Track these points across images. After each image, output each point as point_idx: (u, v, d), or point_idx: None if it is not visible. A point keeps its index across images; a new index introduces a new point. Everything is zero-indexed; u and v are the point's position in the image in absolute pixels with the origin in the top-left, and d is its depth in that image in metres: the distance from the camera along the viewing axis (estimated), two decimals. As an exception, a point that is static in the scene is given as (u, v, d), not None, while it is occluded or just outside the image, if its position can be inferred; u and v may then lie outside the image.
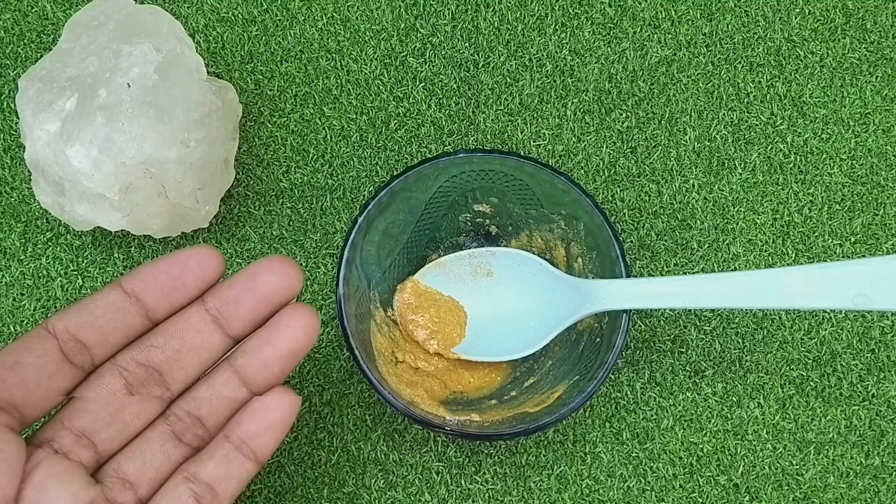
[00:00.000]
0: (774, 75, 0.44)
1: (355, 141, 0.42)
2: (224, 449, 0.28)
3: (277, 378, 0.28)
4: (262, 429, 0.28)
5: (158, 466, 0.28)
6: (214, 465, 0.28)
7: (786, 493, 0.39)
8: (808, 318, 0.41)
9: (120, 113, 0.35)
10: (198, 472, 0.28)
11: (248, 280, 0.28)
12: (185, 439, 0.29)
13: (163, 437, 0.28)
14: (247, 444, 0.28)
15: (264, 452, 0.28)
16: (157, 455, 0.28)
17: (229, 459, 0.28)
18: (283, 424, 0.28)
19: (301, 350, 0.28)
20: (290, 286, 0.28)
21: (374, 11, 0.43)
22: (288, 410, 0.28)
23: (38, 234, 0.40)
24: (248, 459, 0.28)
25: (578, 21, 0.44)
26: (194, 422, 0.29)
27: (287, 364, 0.28)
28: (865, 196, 0.42)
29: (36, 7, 0.42)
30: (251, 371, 0.28)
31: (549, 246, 0.39)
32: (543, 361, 0.38)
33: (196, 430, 0.29)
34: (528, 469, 0.38)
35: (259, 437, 0.28)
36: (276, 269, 0.28)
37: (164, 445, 0.28)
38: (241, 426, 0.28)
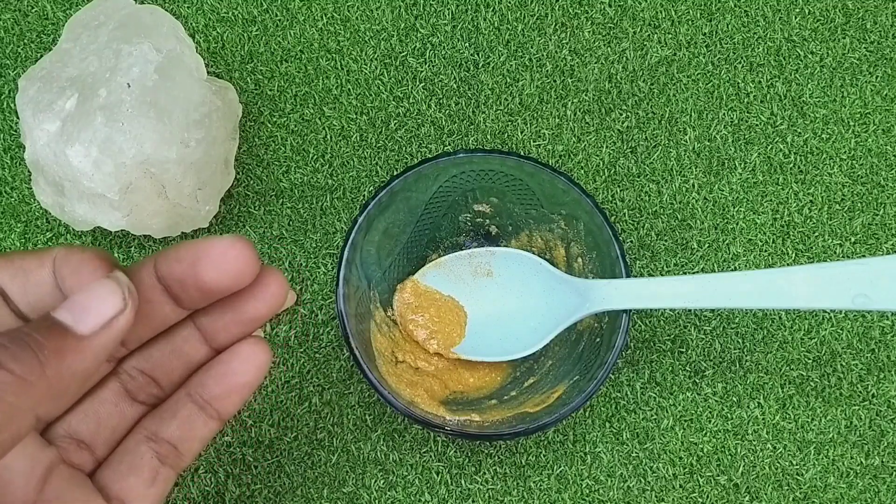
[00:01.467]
0: (774, 75, 0.44)
1: (355, 141, 0.42)
2: (187, 408, 0.27)
3: (239, 339, 0.27)
4: (228, 391, 0.27)
5: (115, 426, 0.27)
6: (178, 425, 0.27)
7: (786, 493, 0.39)
8: (808, 318, 0.41)
9: (120, 113, 0.35)
10: (159, 430, 0.27)
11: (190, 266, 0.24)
12: (140, 398, 0.27)
13: (116, 395, 0.27)
14: (210, 405, 0.27)
15: (229, 412, 0.27)
16: (111, 415, 0.27)
17: (192, 419, 0.27)
18: (249, 387, 0.27)
19: (265, 316, 0.26)
20: (236, 279, 0.25)
21: (374, 11, 0.43)
22: (256, 373, 0.27)
23: (38, 234, 0.40)
24: (212, 419, 0.27)
25: (578, 21, 0.44)
26: (148, 381, 0.27)
27: (249, 328, 0.27)
28: (865, 196, 0.42)
29: (36, 7, 0.42)
30: (213, 330, 0.27)
31: (549, 246, 0.39)
32: (543, 361, 0.38)
33: (150, 389, 0.27)
34: (528, 469, 0.38)
35: (224, 398, 0.27)
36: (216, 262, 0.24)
37: (118, 404, 0.27)
38: (204, 387, 0.27)
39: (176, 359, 0.27)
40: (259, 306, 0.26)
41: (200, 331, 0.27)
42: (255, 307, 0.26)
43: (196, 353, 0.27)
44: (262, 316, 0.26)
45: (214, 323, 0.27)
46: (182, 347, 0.27)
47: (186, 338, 0.27)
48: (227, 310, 0.26)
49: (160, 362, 0.27)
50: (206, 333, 0.27)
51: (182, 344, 0.27)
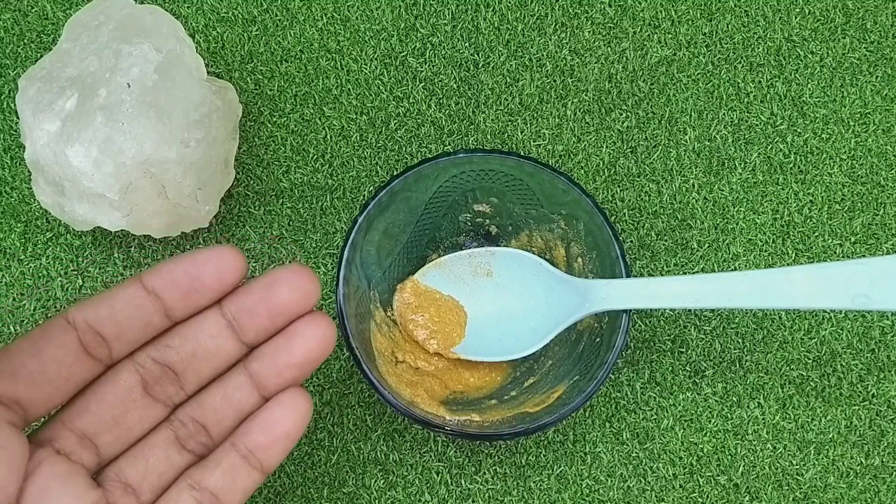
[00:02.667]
0: (774, 75, 0.44)
1: (355, 141, 0.42)
2: (231, 458, 0.27)
3: (290, 385, 0.28)
4: (271, 441, 0.27)
5: (162, 473, 0.28)
6: (220, 475, 0.27)
7: (786, 493, 0.39)
8: (808, 318, 0.41)
9: (120, 113, 0.35)
10: (202, 479, 0.27)
11: (264, 290, 0.27)
12: (189, 446, 0.28)
13: (166, 442, 0.28)
14: (254, 455, 0.27)
15: (271, 464, 0.28)
16: (160, 461, 0.28)
17: (235, 469, 0.27)
18: (292, 437, 0.28)
19: (316, 360, 0.28)
20: (306, 299, 0.27)
21: (374, 11, 0.43)
22: (298, 422, 0.27)
23: (38, 234, 0.40)
24: (255, 470, 0.27)
25: (578, 21, 0.44)
26: (199, 429, 0.28)
27: (301, 372, 0.28)
28: (865, 196, 0.42)
29: (36, 7, 0.42)
30: (265, 377, 0.28)
31: (549, 246, 0.39)
32: (543, 361, 0.38)
33: (200, 438, 0.28)
34: (528, 469, 0.38)
35: (267, 448, 0.27)
36: (292, 281, 0.27)
37: (167, 451, 0.28)
38: (249, 435, 0.27)
39: (227, 406, 0.28)
40: (311, 346, 0.27)
41: (252, 377, 0.28)
42: (308, 347, 0.27)
43: (247, 401, 0.28)
44: (315, 358, 0.27)
45: (267, 368, 0.28)
46: (234, 395, 0.28)
47: (239, 385, 0.28)
48: (279, 353, 0.27)
49: (212, 410, 0.28)
50: (258, 380, 0.28)
51: (234, 391, 0.28)
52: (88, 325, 0.26)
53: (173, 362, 0.28)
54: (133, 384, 0.27)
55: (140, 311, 0.27)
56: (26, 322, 0.39)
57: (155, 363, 0.28)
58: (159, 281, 0.27)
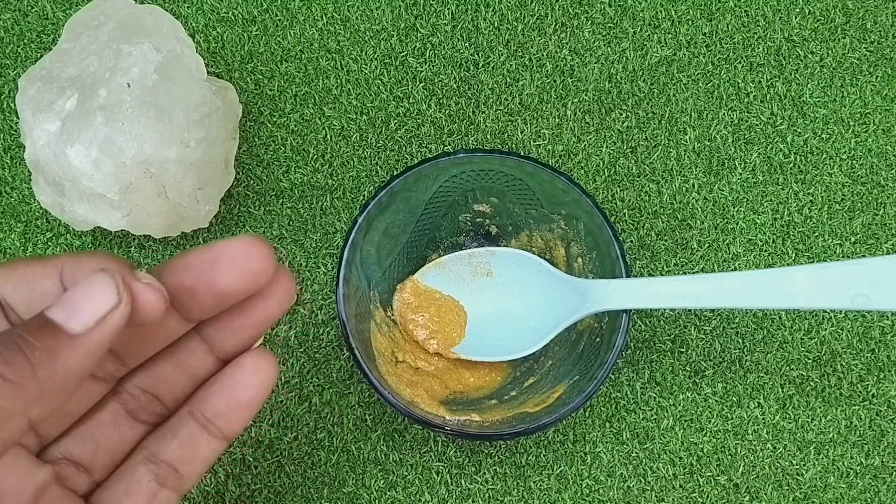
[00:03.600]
0: (774, 75, 0.44)
1: (355, 141, 0.42)
2: (188, 427, 0.25)
3: (249, 345, 0.26)
4: (232, 407, 0.25)
5: (114, 449, 0.25)
6: (178, 445, 0.25)
7: (786, 493, 0.39)
8: (808, 318, 0.41)
9: (120, 113, 0.35)
10: (159, 451, 0.25)
11: (204, 271, 0.23)
12: (142, 417, 0.26)
13: (116, 416, 0.25)
14: (213, 423, 0.25)
15: (234, 430, 0.25)
16: (110, 437, 0.25)
17: (194, 439, 0.25)
18: (255, 403, 0.25)
19: (275, 316, 0.25)
20: (254, 281, 0.23)
21: (374, 11, 0.43)
22: (262, 387, 0.25)
23: (38, 234, 0.40)
24: (215, 438, 0.25)
25: (578, 21, 0.44)
26: (150, 399, 0.26)
27: (259, 331, 0.25)
28: (865, 196, 0.42)
29: (36, 7, 0.42)
30: (220, 339, 0.25)
31: (549, 246, 0.39)
32: (543, 361, 0.38)
33: (154, 408, 0.26)
34: (528, 469, 0.38)
35: (227, 415, 0.25)
36: (238, 262, 0.23)
37: (118, 426, 0.25)
38: (207, 403, 0.25)
39: (180, 373, 0.26)
40: (271, 305, 0.25)
41: (206, 341, 0.26)
42: (267, 307, 0.25)
43: (202, 365, 0.26)
44: (273, 316, 0.25)
45: (222, 330, 0.25)
46: (187, 361, 0.26)
47: (192, 350, 0.26)
48: (235, 314, 0.25)
49: (163, 378, 0.26)
50: (213, 343, 0.26)
51: (187, 357, 0.26)
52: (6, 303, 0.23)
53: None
54: None
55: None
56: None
57: None
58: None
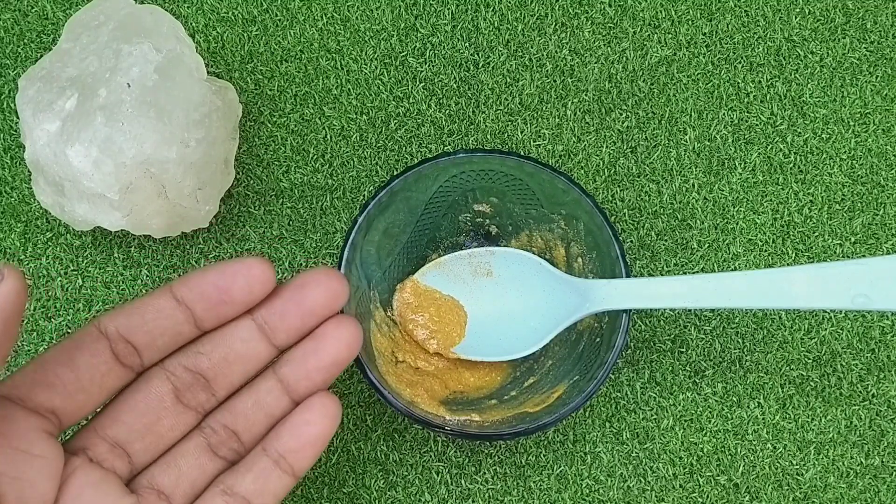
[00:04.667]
0: (774, 75, 0.44)
1: (355, 141, 0.42)
2: (262, 463, 0.28)
3: (319, 388, 0.28)
4: (301, 444, 0.28)
5: (194, 479, 0.28)
6: (252, 479, 0.28)
7: (786, 493, 0.39)
8: (808, 318, 0.41)
9: (120, 113, 0.35)
10: (235, 485, 0.28)
11: (294, 292, 0.28)
12: (221, 452, 0.28)
13: (198, 449, 0.28)
14: (285, 459, 0.28)
15: (302, 467, 0.28)
16: (192, 468, 0.28)
17: (267, 474, 0.28)
18: (321, 440, 0.28)
19: (344, 361, 0.28)
20: (335, 299, 0.28)
21: (374, 11, 0.43)
22: (328, 424, 0.28)
23: (38, 234, 0.40)
24: (286, 474, 0.28)
25: (578, 21, 0.44)
26: (230, 435, 0.28)
27: (330, 374, 0.28)
28: (865, 196, 0.42)
29: (36, 7, 0.42)
30: (294, 380, 0.28)
31: (549, 246, 0.39)
32: (543, 361, 0.38)
33: (231, 444, 0.28)
34: (528, 469, 0.38)
35: (297, 452, 0.28)
36: (322, 283, 0.28)
37: (199, 458, 0.28)
38: (279, 440, 0.28)
39: (258, 411, 0.28)
40: (340, 348, 0.28)
41: (282, 382, 0.28)
42: (337, 349, 0.28)
43: (277, 405, 0.28)
44: (343, 359, 0.28)
45: (296, 372, 0.28)
46: (264, 400, 0.28)
47: (269, 389, 0.28)
48: (308, 356, 0.28)
49: (243, 416, 0.28)
50: (287, 384, 0.28)
51: (265, 396, 0.28)
52: (120, 334, 0.27)
53: (204, 369, 0.28)
54: (164, 392, 0.28)
55: (170, 320, 0.27)
56: (25, 322, 0.39)
57: (186, 370, 0.28)
58: (189, 292, 0.27)
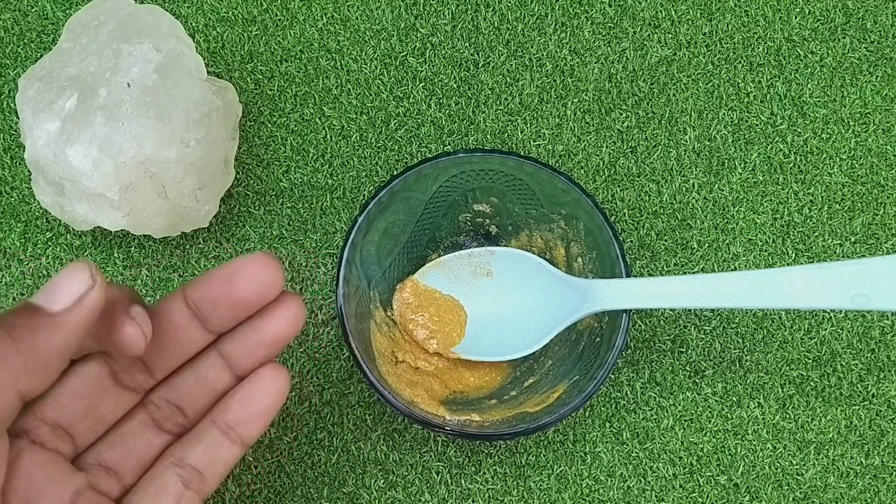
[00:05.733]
0: (774, 75, 0.44)
1: (355, 141, 0.42)
2: (211, 434, 0.28)
3: (262, 364, 0.28)
4: (251, 415, 0.28)
5: (141, 454, 0.28)
6: (202, 451, 0.28)
7: (786, 493, 0.39)
8: (808, 318, 0.41)
9: (120, 113, 0.35)
10: (185, 456, 0.28)
11: (224, 282, 0.27)
12: (166, 427, 0.28)
13: (143, 425, 0.28)
14: (234, 430, 0.28)
15: (252, 437, 0.28)
16: (138, 443, 0.28)
17: (217, 444, 0.28)
18: (271, 411, 0.28)
19: (287, 338, 0.28)
20: (268, 291, 0.27)
21: (374, 11, 0.43)
22: (277, 397, 0.28)
23: (38, 234, 0.40)
24: (235, 444, 0.28)
25: (578, 21, 0.44)
26: (174, 410, 0.28)
27: (272, 351, 0.28)
28: (865, 196, 0.42)
29: (36, 7, 0.42)
30: (237, 356, 0.28)
31: (549, 246, 0.39)
32: (543, 361, 0.38)
33: (176, 419, 0.29)
34: (528, 469, 0.38)
35: (247, 423, 0.28)
36: (253, 273, 0.27)
37: (145, 433, 0.28)
38: (228, 412, 0.28)
39: (201, 387, 0.28)
40: (281, 326, 0.27)
41: (225, 358, 0.28)
42: (278, 327, 0.27)
43: (220, 381, 0.28)
44: (284, 337, 0.28)
45: (238, 348, 0.28)
46: (207, 376, 0.28)
47: (211, 366, 0.28)
48: (250, 334, 0.28)
49: (186, 391, 0.28)
50: (230, 360, 0.28)
51: (207, 372, 0.28)
52: None
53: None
54: (102, 375, 0.27)
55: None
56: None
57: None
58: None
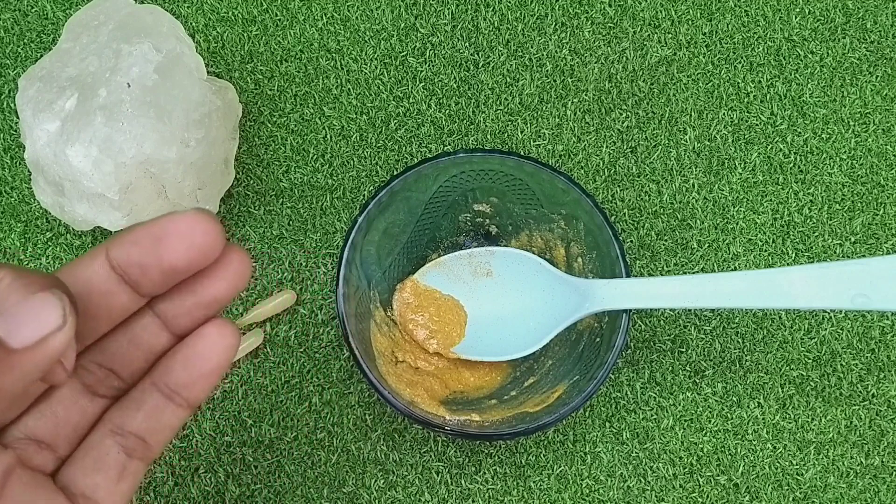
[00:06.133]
0: (774, 75, 0.44)
1: (355, 141, 0.42)
2: (153, 398, 0.25)
3: (202, 322, 0.25)
4: (196, 377, 0.25)
5: (76, 423, 0.25)
6: (144, 416, 0.25)
7: (786, 493, 0.39)
8: (808, 318, 0.41)
9: (120, 113, 0.35)
10: (125, 423, 0.25)
11: (152, 245, 0.23)
12: (101, 392, 0.26)
13: (73, 391, 0.25)
14: (178, 393, 0.25)
15: (198, 399, 0.26)
16: (71, 411, 0.25)
17: (160, 409, 0.25)
18: (218, 371, 0.25)
19: (226, 298, 0.25)
20: (203, 255, 0.23)
21: (374, 11, 0.43)
22: (224, 355, 0.25)
23: (38, 234, 0.40)
24: (180, 407, 0.26)
25: (578, 21, 0.44)
26: (107, 374, 0.26)
27: (211, 311, 0.25)
28: (865, 196, 0.42)
29: (36, 7, 0.42)
30: (172, 316, 0.25)
31: (549, 246, 0.39)
32: (543, 361, 0.38)
33: (110, 382, 0.26)
34: (528, 469, 0.38)
35: (192, 385, 0.25)
36: (185, 236, 0.23)
37: (77, 401, 0.25)
38: (170, 374, 0.25)
39: (135, 349, 0.26)
40: (221, 286, 0.24)
41: (160, 317, 0.25)
42: (218, 287, 0.24)
43: (156, 340, 0.26)
44: (224, 297, 0.25)
45: (175, 308, 0.25)
46: (141, 336, 0.25)
47: (145, 326, 0.25)
48: (187, 293, 0.25)
49: (118, 354, 0.26)
50: (166, 319, 0.25)
51: (141, 332, 0.25)
52: None
53: None
54: None
55: None
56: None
57: None
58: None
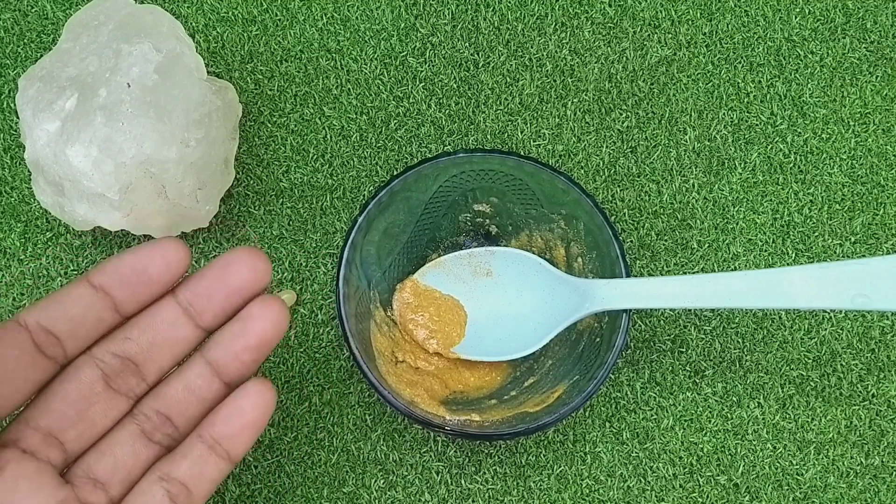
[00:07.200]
0: (774, 75, 0.44)
1: (355, 141, 0.42)
2: (198, 449, 0.28)
3: (249, 369, 0.29)
4: (237, 430, 0.28)
5: (130, 467, 0.28)
6: (188, 465, 0.28)
7: (786, 493, 0.39)
8: (808, 318, 0.41)
9: (120, 113, 0.35)
10: (171, 471, 0.28)
11: (219, 272, 0.28)
12: (155, 438, 0.29)
13: (132, 436, 0.28)
14: (220, 445, 0.28)
15: (238, 453, 0.28)
16: (127, 455, 0.28)
17: (203, 459, 0.28)
18: (257, 426, 0.28)
19: (271, 341, 0.28)
20: (259, 278, 0.28)
21: (374, 11, 0.43)
22: (262, 411, 0.28)
23: (38, 234, 0.40)
24: (222, 459, 0.28)
25: (578, 21, 0.44)
26: (163, 420, 0.29)
27: (259, 354, 0.28)
28: (865, 196, 0.42)
29: (36, 7, 0.42)
30: (223, 362, 0.28)
31: (549, 246, 0.39)
32: (543, 361, 0.38)
33: (166, 429, 0.29)
34: (528, 469, 0.38)
35: (233, 438, 0.28)
36: (246, 262, 0.28)
37: (134, 445, 0.28)
38: (214, 427, 0.28)
39: (190, 395, 0.29)
40: (267, 329, 0.28)
41: (211, 365, 0.28)
42: (263, 328, 0.28)
43: (209, 388, 0.29)
44: (269, 338, 0.28)
45: (226, 355, 0.28)
46: (195, 383, 0.29)
47: (199, 374, 0.29)
48: (235, 338, 0.28)
49: (174, 401, 0.29)
50: (218, 368, 0.28)
51: (195, 380, 0.29)
52: (40, 325, 0.27)
53: (133, 354, 0.28)
54: (94, 379, 0.28)
55: (90, 308, 0.27)
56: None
57: (114, 356, 0.28)
58: (106, 277, 0.27)
